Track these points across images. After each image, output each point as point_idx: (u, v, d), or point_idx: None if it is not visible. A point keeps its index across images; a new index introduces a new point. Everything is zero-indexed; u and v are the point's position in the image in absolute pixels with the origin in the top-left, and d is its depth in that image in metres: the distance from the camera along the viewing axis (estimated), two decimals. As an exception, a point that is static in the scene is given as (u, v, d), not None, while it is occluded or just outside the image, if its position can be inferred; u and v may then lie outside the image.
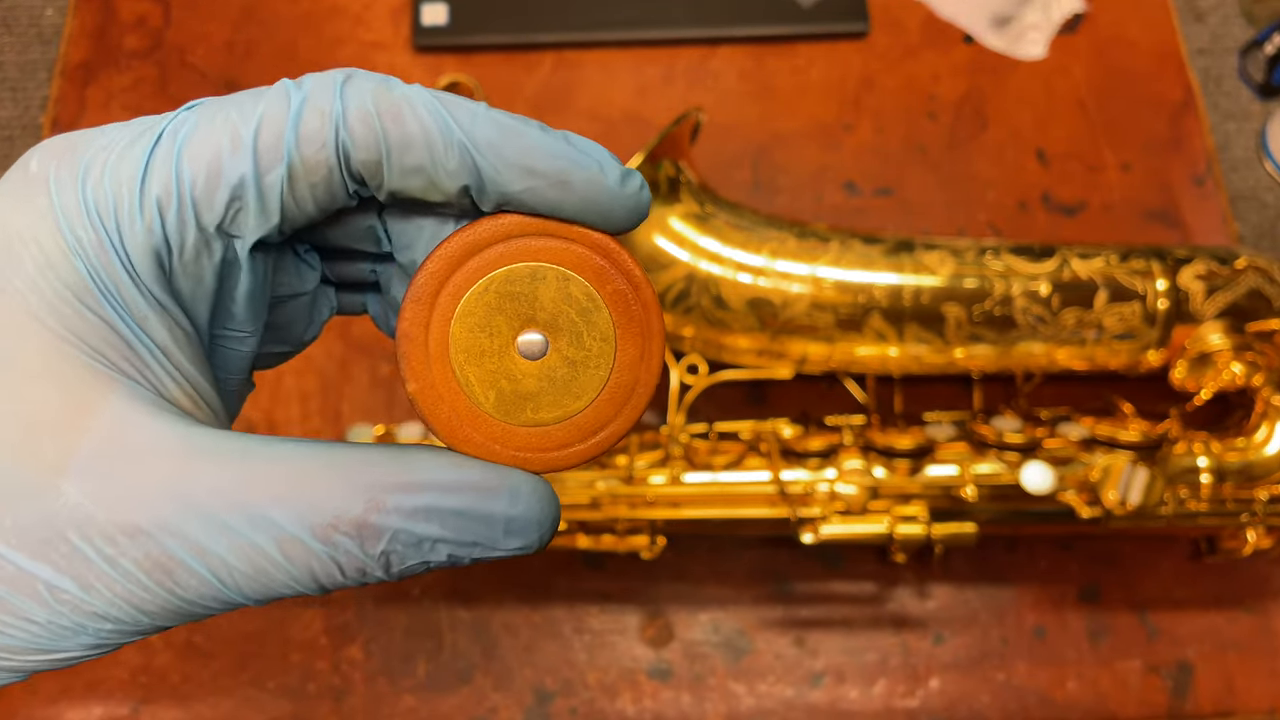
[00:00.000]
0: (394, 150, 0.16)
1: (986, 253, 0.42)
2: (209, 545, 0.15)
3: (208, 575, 0.15)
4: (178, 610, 0.16)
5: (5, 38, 0.82)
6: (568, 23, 0.55)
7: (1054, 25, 0.56)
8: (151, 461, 0.15)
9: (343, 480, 0.16)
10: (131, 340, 0.16)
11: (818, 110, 0.54)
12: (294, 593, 0.16)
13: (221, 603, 0.16)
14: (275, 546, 0.15)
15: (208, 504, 0.15)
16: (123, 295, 0.16)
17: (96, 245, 0.16)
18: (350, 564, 0.16)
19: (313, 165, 0.16)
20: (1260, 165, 0.63)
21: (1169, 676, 0.45)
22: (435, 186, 0.16)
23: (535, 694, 0.44)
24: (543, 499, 0.17)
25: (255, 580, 0.16)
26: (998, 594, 0.46)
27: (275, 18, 0.56)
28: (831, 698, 0.44)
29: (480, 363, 0.17)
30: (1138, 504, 0.40)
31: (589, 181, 0.17)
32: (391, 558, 0.16)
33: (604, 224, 0.17)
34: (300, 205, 0.16)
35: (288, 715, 0.44)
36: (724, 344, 0.43)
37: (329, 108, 0.16)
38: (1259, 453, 0.41)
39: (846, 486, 0.40)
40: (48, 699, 0.44)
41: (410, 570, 0.16)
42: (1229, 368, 0.41)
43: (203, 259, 0.16)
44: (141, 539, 0.15)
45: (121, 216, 0.16)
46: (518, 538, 0.17)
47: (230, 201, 0.16)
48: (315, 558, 0.16)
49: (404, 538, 0.16)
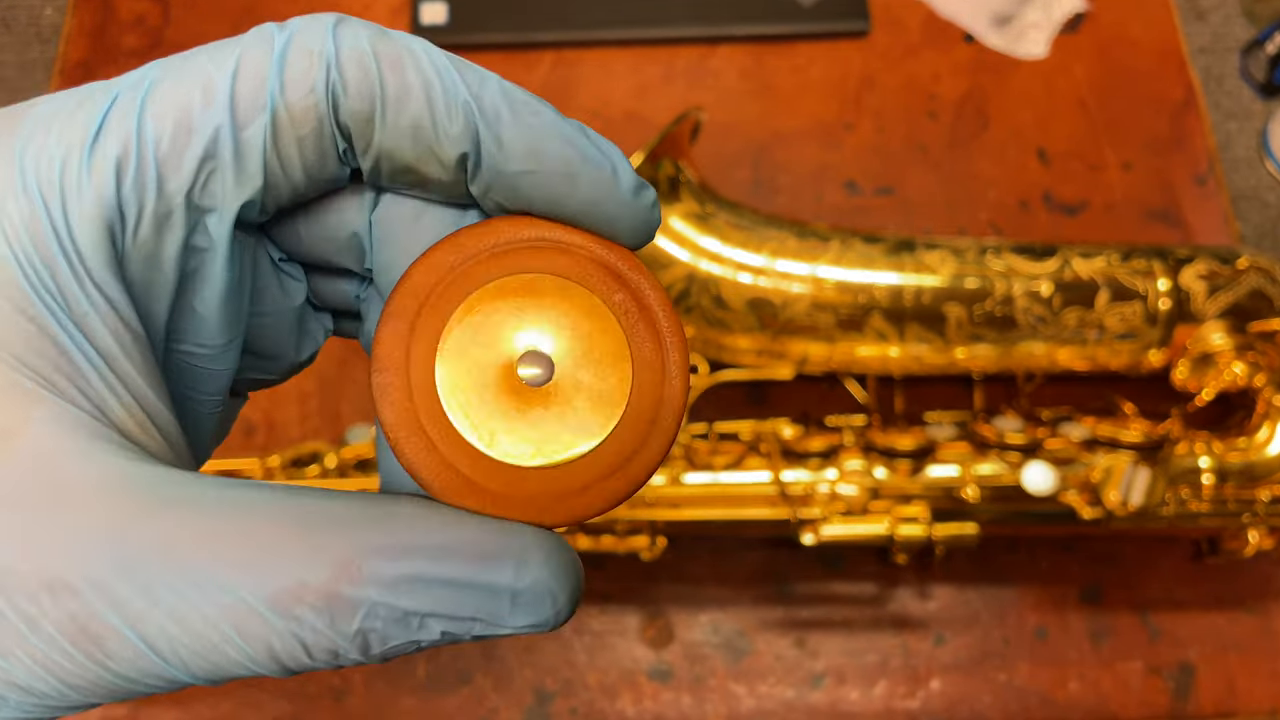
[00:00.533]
0: (390, 100, 0.13)
1: (987, 252, 0.42)
2: (145, 612, 0.12)
3: (143, 648, 0.13)
4: (110, 687, 0.13)
5: (4, 37, 0.82)
6: (567, 22, 0.55)
7: (1055, 24, 0.56)
8: (83, 502, 0.13)
9: (310, 540, 0.13)
10: (67, 346, 0.13)
11: (818, 109, 0.54)
12: (250, 673, 0.13)
13: (164, 680, 0.13)
14: (226, 618, 0.12)
15: (146, 561, 0.12)
16: (59, 287, 0.13)
17: (30, 222, 0.13)
18: (318, 643, 0.13)
19: (301, 113, 0.13)
20: (1262, 164, 0.63)
21: (1170, 677, 0.44)
22: (430, 153, 0.14)
23: (535, 694, 0.44)
24: (559, 563, 0.14)
25: (202, 657, 0.13)
26: (999, 595, 0.45)
27: (275, 17, 0.56)
28: (832, 699, 0.44)
29: (475, 393, 0.14)
30: (1139, 504, 0.40)
31: (598, 182, 0.14)
32: (370, 637, 0.13)
33: (607, 234, 0.15)
34: (287, 168, 0.14)
35: (287, 715, 0.44)
36: (724, 344, 0.43)
37: (320, 47, 0.13)
38: (1260, 453, 0.41)
39: (847, 487, 0.40)
40: (47, 700, 0.44)
41: (396, 651, 0.13)
42: (1230, 368, 0.41)
43: (164, 238, 0.13)
44: (65, 598, 0.12)
45: (67, 183, 0.13)
46: (527, 613, 0.13)
47: (203, 161, 0.13)
48: (275, 634, 0.13)
49: (384, 612, 0.13)
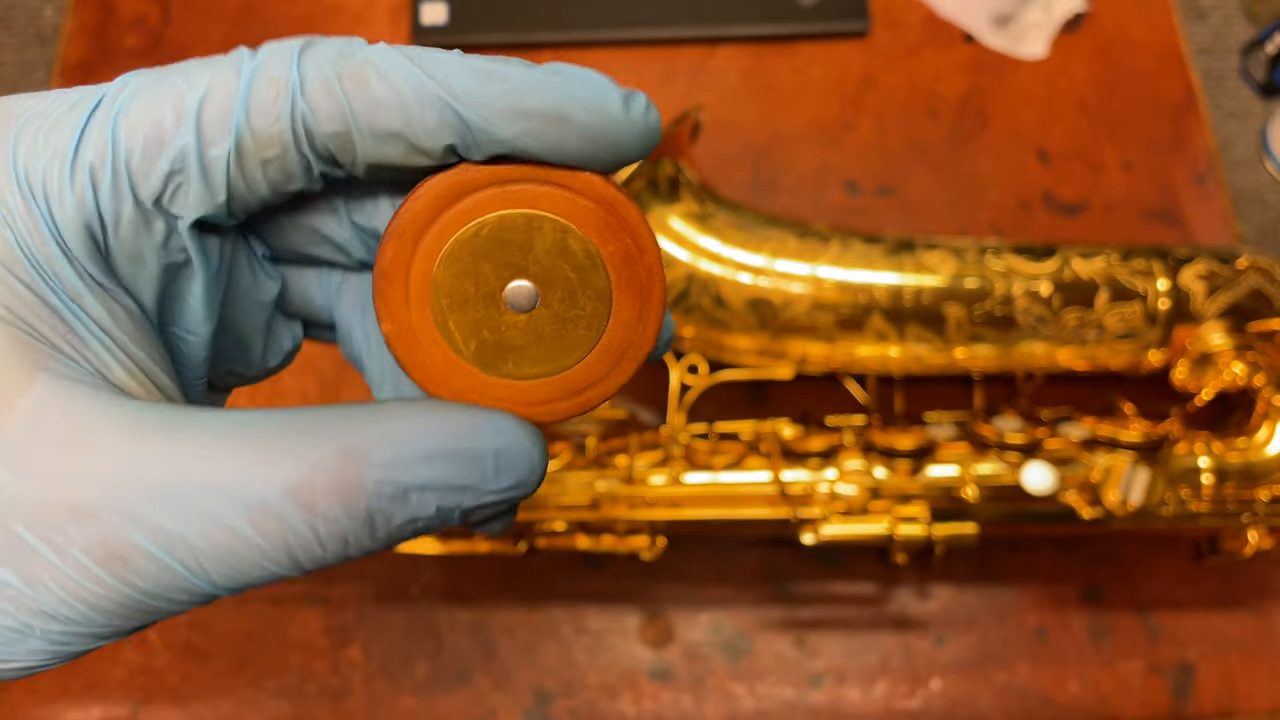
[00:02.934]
0: (361, 117, 0.14)
1: (987, 252, 0.42)
2: (168, 526, 0.13)
3: (169, 560, 0.14)
4: (138, 606, 0.14)
5: (4, 37, 0.82)
6: (567, 22, 0.55)
7: (1055, 24, 0.56)
8: (98, 436, 0.14)
9: (315, 439, 0.14)
10: (68, 317, 0.14)
11: (818, 109, 0.54)
12: (268, 576, 0.14)
13: (187, 594, 0.14)
14: (245, 519, 0.14)
15: (164, 480, 0.13)
16: (55, 270, 0.14)
17: (25, 214, 0.14)
18: (330, 532, 0.14)
19: (265, 140, 0.14)
20: (1261, 164, 0.63)
21: (1170, 677, 0.44)
22: (416, 150, 0.15)
23: (535, 695, 0.44)
24: (529, 434, 0.15)
25: (223, 563, 0.14)
26: (999, 595, 0.45)
27: (275, 17, 0.56)
28: (832, 699, 0.44)
29: (463, 310, 0.16)
30: (1139, 504, 0.40)
31: (591, 111, 0.15)
32: (376, 517, 0.14)
33: (614, 155, 0.15)
34: (251, 185, 0.15)
35: (287, 716, 0.44)
36: (724, 344, 0.43)
37: (285, 76, 0.14)
38: (1260, 453, 0.41)
39: (847, 487, 0.40)
40: (46, 699, 0.44)
41: (398, 532, 0.15)
42: (1230, 368, 0.41)
43: (142, 238, 0.15)
44: (91, 523, 0.13)
45: (50, 187, 0.14)
46: (508, 474, 0.15)
47: (169, 175, 0.14)
48: (290, 529, 0.14)
49: (388, 489, 0.14)
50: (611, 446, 0.42)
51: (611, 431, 0.43)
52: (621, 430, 0.43)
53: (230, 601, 0.45)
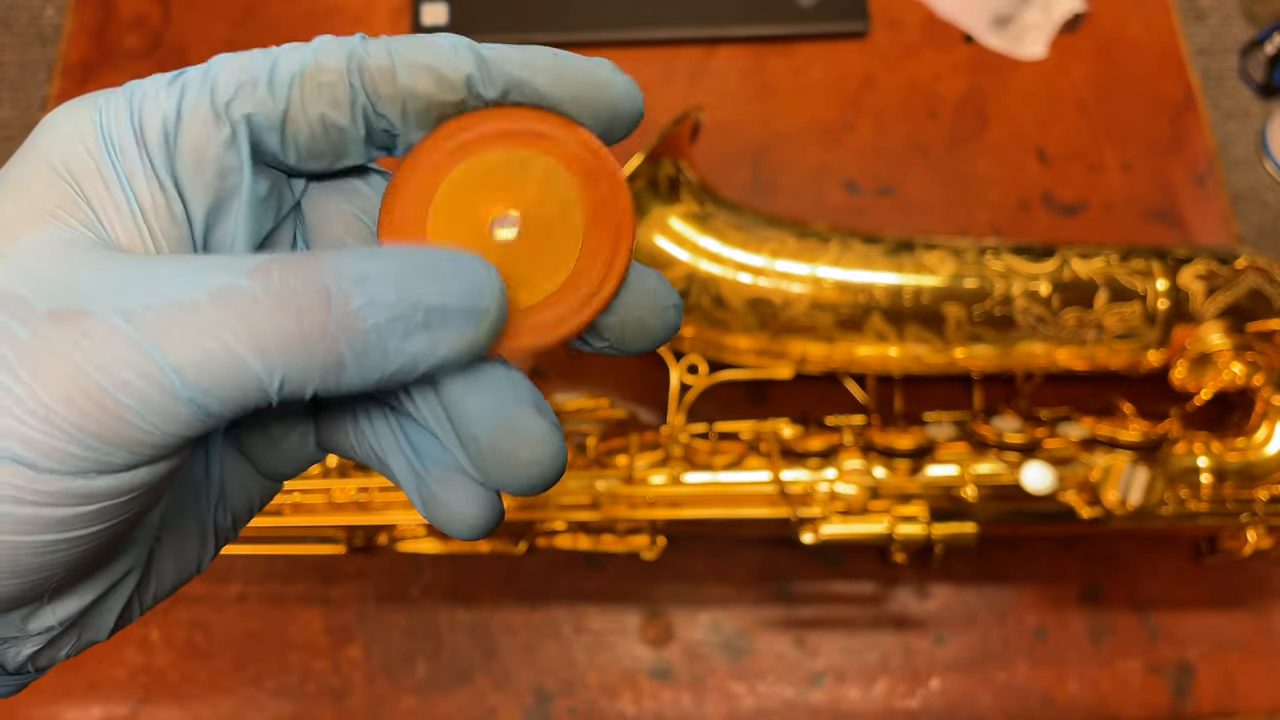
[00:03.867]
0: (401, 51, 0.17)
1: (987, 252, 0.42)
2: (134, 309, 0.14)
3: (133, 333, 0.14)
4: (114, 410, 0.14)
5: (5, 37, 0.82)
6: (567, 23, 0.55)
7: (1054, 25, 0.56)
8: (90, 261, 0.15)
9: (294, 258, 0.15)
10: (116, 190, 0.16)
11: (818, 110, 0.54)
12: (243, 371, 0.14)
13: (160, 389, 0.14)
14: (205, 297, 0.14)
15: (138, 278, 0.14)
16: (123, 151, 0.16)
17: (119, 109, 0.17)
18: (286, 311, 0.14)
19: (325, 67, 0.17)
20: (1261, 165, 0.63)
21: (1170, 677, 0.45)
22: (444, 80, 0.17)
23: (535, 694, 0.44)
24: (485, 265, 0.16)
25: (190, 344, 0.14)
26: (998, 594, 0.45)
27: (275, 17, 0.56)
28: (832, 698, 0.44)
29: (454, 228, 0.18)
30: (1138, 504, 0.40)
31: (583, 67, 0.18)
32: (333, 291, 0.14)
33: (605, 99, 0.18)
34: (307, 103, 0.17)
35: (288, 715, 0.44)
36: (724, 344, 0.43)
37: (350, 41, 0.17)
38: (1259, 453, 0.41)
39: (847, 486, 0.40)
40: (47, 699, 0.44)
41: (355, 320, 0.14)
42: (1229, 368, 0.41)
43: (210, 133, 0.17)
44: (59, 301, 0.14)
45: (150, 90, 0.17)
46: (460, 288, 0.15)
47: (242, 84, 0.17)
48: (250, 300, 0.14)
49: (347, 273, 0.14)
50: (611, 446, 0.42)
51: (611, 431, 0.43)
52: (621, 430, 0.43)
53: (231, 601, 0.45)
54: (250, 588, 0.45)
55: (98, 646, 0.44)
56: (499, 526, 0.17)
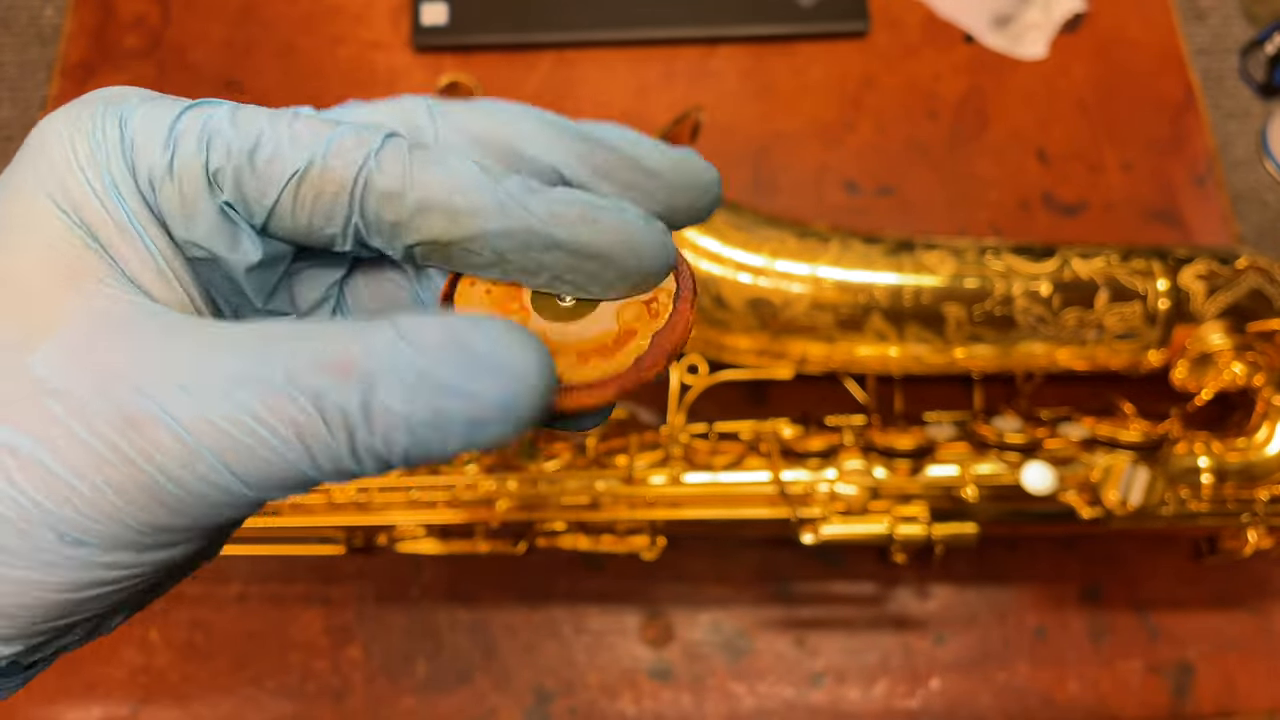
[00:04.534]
0: (417, 180, 0.16)
1: (987, 252, 0.42)
2: (187, 403, 0.14)
3: (185, 434, 0.14)
4: (155, 490, 0.14)
5: (5, 37, 0.82)
6: (567, 22, 0.55)
7: (1054, 25, 0.56)
8: (134, 335, 0.15)
9: (325, 333, 0.15)
10: (130, 234, 0.16)
11: (818, 110, 0.54)
12: (290, 470, 0.14)
13: (206, 482, 0.14)
14: (256, 398, 0.14)
15: (187, 365, 0.14)
16: (126, 192, 0.16)
17: (115, 144, 0.16)
18: (336, 419, 0.14)
19: (330, 175, 0.16)
20: (1261, 165, 0.63)
21: (1170, 677, 0.45)
22: (457, 223, 0.16)
23: (535, 694, 0.44)
24: (535, 343, 0.15)
25: (238, 443, 0.14)
26: (998, 594, 0.45)
27: (275, 17, 0.56)
28: (832, 698, 0.44)
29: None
30: (1139, 504, 0.40)
31: (615, 216, 0.17)
32: (373, 406, 0.14)
33: (634, 258, 0.17)
34: (296, 210, 0.16)
35: (288, 715, 0.44)
36: (724, 344, 0.43)
37: (370, 140, 0.16)
38: (1260, 453, 0.41)
39: (847, 487, 0.40)
40: (47, 699, 0.44)
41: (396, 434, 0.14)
42: (1230, 368, 0.41)
43: (202, 200, 0.16)
44: (115, 398, 0.14)
45: (145, 132, 0.16)
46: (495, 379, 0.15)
47: (239, 169, 0.16)
48: (298, 407, 0.14)
49: (387, 380, 0.14)
50: (611, 446, 0.42)
51: (611, 431, 0.43)
52: (621, 430, 0.43)
53: (231, 601, 0.45)
54: (250, 588, 0.45)
55: (97, 647, 0.44)
56: None
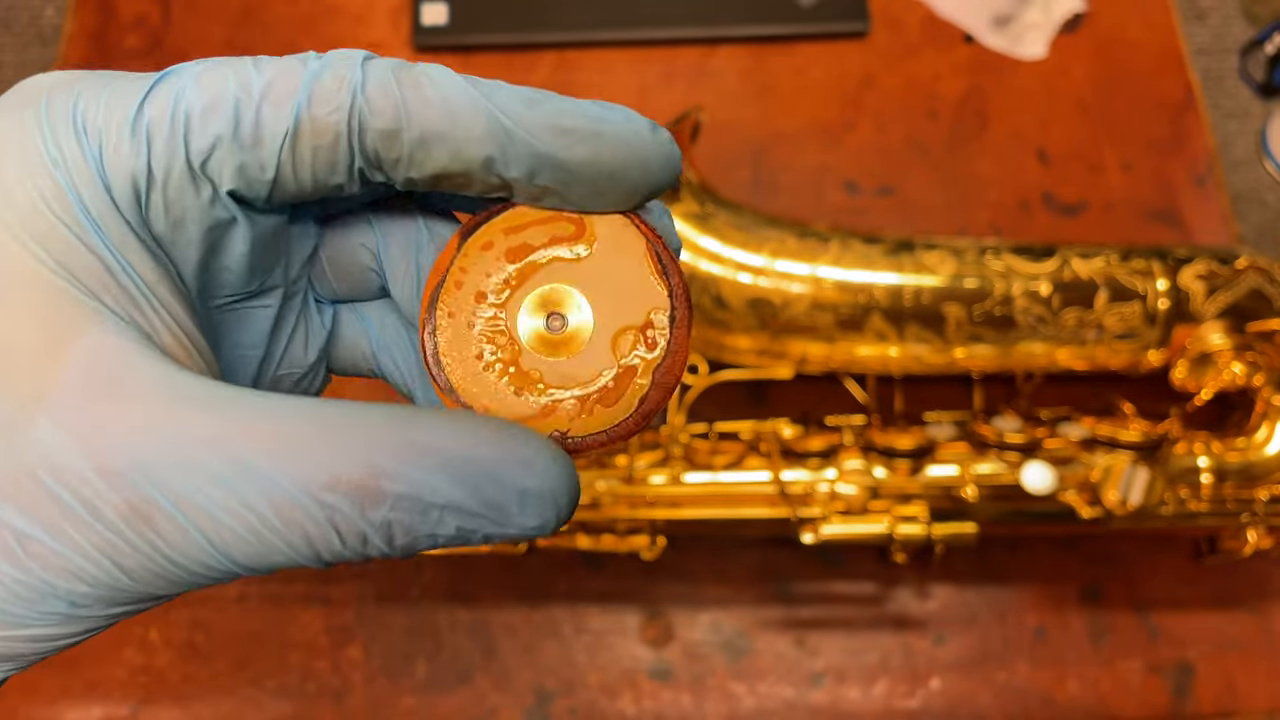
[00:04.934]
0: (414, 116, 0.15)
1: (987, 252, 0.42)
2: (194, 497, 0.14)
3: (192, 529, 0.14)
4: (162, 572, 0.14)
5: (5, 38, 0.82)
6: (567, 23, 0.55)
7: (1054, 25, 0.56)
8: (134, 401, 0.14)
9: (343, 439, 0.14)
10: (116, 271, 0.14)
11: (818, 110, 0.54)
12: (290, 561, 0.14)
13: (208, 569, 0.14)
14: (267, 503, 0.14)
15: (194, 452, 0.14)
16: (104, 221, 0.14)
17: (79, 161, 0.14)
18: (350, 531, 0.14)
19: (321, 126, 0.15)
20: (1261, 165, 0.63)
21: (1170, 677, 0.45)
22: (459, 155, 0.15)
23: (535, 694, 0.44)
24: (561, 468, 0.15)
25: (245, 542, 0.14)
26: (998, 594, 0.45)
27: (275, 18, 0.56)
28: (832, 698, 0.44)
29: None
30: (1138, 504, 0.40)
31: (622, 129, 0.16)
32: (395, 528, 0.14)
33: (642, 173, 0.16)
34: (298, 169, 0.15)
35: (288, 715, 0.44)
36: (724, 344, 0.43)
37: (349, 74, 0.15)
38: (1259, 453, 0.41)
39: (847, 486, 0.40)
40: (47, 699, 0.44)
41: (416, 545, 0.15)
42: (1229, 368, 0.41)
43: (187, 198, 0.15)
44: (120, 482, 0.13)
45: (109, 134, 0.14)
46: (533, 514, 0.15)
47: (223, 138, 0.15)
48: (311, 520, 0.14)
49: (407, 505, 0.14)
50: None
51: (611, 431, 0.43)
52: (621, 430, 0.43)
53: (231, 601, 0.45)
54: (250, 588, 0.45)
55: (97, 647, 0.44)
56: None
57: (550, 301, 0.17)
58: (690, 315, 0.17)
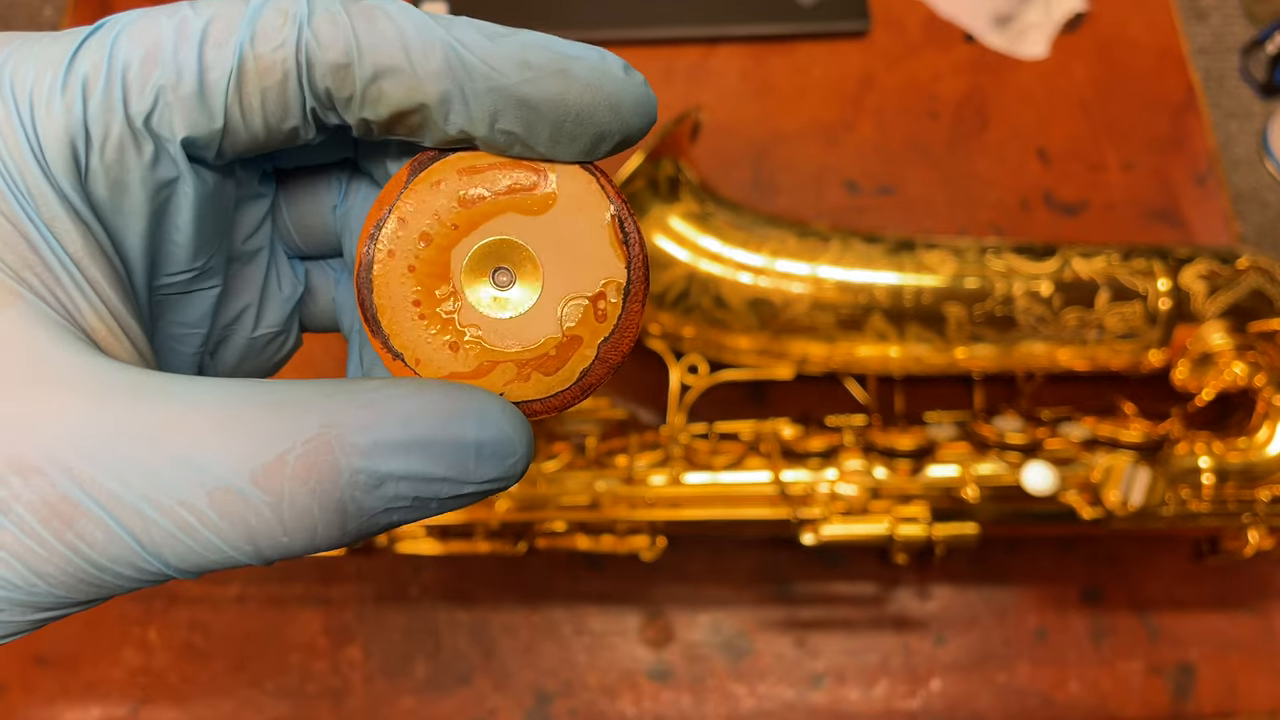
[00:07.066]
0: (365, 50, 0.14)
1: (988, 252, 0.42)
2: (120, 493, 0.12)
3: (118, 529, 0.13)
4: (83, 576, 0.13)
5: (4, 37, 0.83)
6: (567, 22, 0.55)
7: (1055, 24, 0.56)
8: (54, 389, 0.13)
9: (289, 419, 0.13)
10: (39, 246, 0.13)
11: (818, 109, 0.54)
12: (227, 560, 0.13)
13: (137, 570, 0.13)
14: (204, 497, 0.13)
15: (121, 445, 0.12)
16: (31, 187, 0.13)
17: (5, 123, 0.13)
18: (296, 520, 0.13)
19: (267, 65, 0.14)
20: (1262, 164, 0.63)
21: (1171, 677, 0.44)
22: (416, 90, 0.14)
23: (535, 695, 0.44)
24: (515, 416, 0.14)
25: (178, 541, 0.13)
26: (999, 595, 0.45)
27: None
28: (832, 699, 0.44)
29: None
30: (1139, 504, 0.40)
31: (592, 67, 0.15)
32: (348, 506, 0.13)
33: (613, 115, 0.15)
34: (247, 115, 0.14)
35: (287, 716, 0.44)
36: (724, 344, 0.43)
37: (293, 8, 0.14)
38: (1260, 453, 0.41)
39: (847, 487, 0.40)
40: (46, 699, 0.44)
41: (370, 524, 0.14)
42: (1230, 368, 0.41)
43: (129, 159, 0.14)
44: (37, 480, 0.12)
45: (38, 95, 0.13)
46: (490, 465, 0.14)
47: (164, 89, 0.14)
48: (254, 512, 0.13)
49: (363, 479, 0.13)
50: (611, 446, 0.42)
51: (611, 431, 0.43)
52: (621, 430, 0.43)
53: (230, 602, 0.45)
54: (249, 588, 0.45)
55: (97, 647, 0.44)
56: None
57: (499, 254, 0.16)
58: (646, 290, 0.16)
